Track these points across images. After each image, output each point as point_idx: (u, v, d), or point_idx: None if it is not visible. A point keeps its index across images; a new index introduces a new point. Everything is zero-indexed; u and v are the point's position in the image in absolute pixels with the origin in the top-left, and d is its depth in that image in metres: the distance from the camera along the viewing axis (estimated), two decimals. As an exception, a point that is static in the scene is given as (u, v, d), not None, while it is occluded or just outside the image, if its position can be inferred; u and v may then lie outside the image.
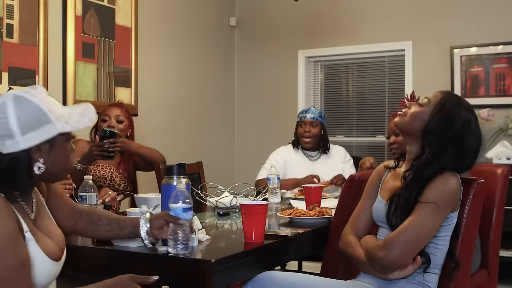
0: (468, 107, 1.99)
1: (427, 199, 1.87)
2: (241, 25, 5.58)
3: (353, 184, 2.36)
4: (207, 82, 5.21)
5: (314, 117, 3.76)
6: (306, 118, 3.76)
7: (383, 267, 1.90)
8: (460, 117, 1.95)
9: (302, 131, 3.76)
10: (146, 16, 4.45)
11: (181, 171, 1.90)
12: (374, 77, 5.10)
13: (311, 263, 3.81)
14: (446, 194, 1.88)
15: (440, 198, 1.87)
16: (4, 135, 1.48)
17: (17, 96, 1.52)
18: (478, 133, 1.98)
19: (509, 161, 4.07)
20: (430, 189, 1.88)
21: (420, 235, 1.86)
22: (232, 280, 1.82)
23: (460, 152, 1.94)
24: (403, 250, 1.85)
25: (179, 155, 4.60)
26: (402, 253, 1.86)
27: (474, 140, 1.96)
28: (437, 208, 1.85)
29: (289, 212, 2.50)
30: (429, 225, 1.86)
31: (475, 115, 2.00)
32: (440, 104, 1.97)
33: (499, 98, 4.46)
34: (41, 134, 1.52)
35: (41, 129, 1.52)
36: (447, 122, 1.94)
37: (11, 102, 1.50)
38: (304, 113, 3.80)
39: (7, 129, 1.48)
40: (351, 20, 5.09)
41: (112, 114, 3.16)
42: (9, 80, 3.44)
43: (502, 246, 2.79)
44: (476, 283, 2.40)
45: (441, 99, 1.98)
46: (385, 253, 1.87)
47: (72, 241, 1.98)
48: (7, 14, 3.42)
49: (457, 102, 1.98)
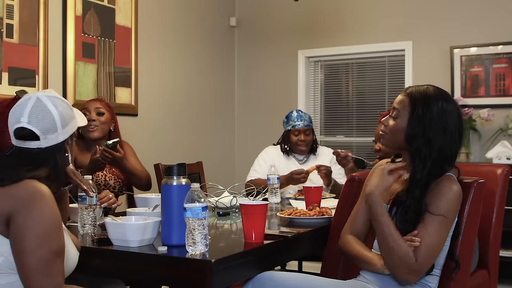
0: (435, 91, 1.97)
1: (438, 211, 1.88)
2: (241, 25, 5.58)
3: (353, 184, 2.36)
4: (207, 82, 5.21)
5: (307, 124, 3.71)
6: (300, 126, 3.69)
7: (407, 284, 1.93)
8: (433, 104, 1.93)
9: (297, 139, 3.69)
10: (146, 16, 4.45)
11: (181, 171, 1.90)
12: (374, 77, 5.10)
13: (311, 263, 3.81)
14: (454, 203, 1.91)
15: (450, 209, 1.90)
16: (49, 129, 1.66)
17: (48, 95, 1.70)
18: (455, 110, 1.96)
19: (509, 161, 4.07)
20: (439, 200, 1.89)
21: (438, 248, 1.92)
22: (232, 280, 1.82)
23: (447, 134, 1.92)
24: (426, 267, 1.91)
25: (179, 155, 4.60)
26: (425, 269, 1.92)
27: (455, 117, 1.95)
28: (447, 219, 1.89)
29: (289, 212, 2.50)
30: (443, 236, 1.92)
31: (447, 96, 1.98)
32: (410, 105, 1.95)
33: (499, 98, 4.46)
34: (72, 127, 1.74)
35: (71, 123, 1.74)
36: (422, 117, 1.93)
37: (46, 99, 1.68)
38: (296, 120, 3.72)
39: (53, 123, 1.67)
40: (351, 20, 5.09)
41: (92, 107, 3.12)
42: (9, 80, 3.44)
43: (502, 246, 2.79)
44: (476, 283, 2.40)
45: (409, 102, 1.96)
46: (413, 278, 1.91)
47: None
48: (7, 14, 3.42)
49: (423, 94, 1.96)
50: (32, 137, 1.66)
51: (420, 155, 1.92)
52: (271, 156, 3.78)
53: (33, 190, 1.56)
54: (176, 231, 1.87)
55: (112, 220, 1.94)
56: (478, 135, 4.48)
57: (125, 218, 2.05)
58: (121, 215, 2.34)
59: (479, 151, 4.49)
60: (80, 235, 2.12)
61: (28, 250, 1.50)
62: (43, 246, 1.51)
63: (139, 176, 3.14)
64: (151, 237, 1.93)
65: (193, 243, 1.74)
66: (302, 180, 3.44)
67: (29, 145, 1.66)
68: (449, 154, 1.94)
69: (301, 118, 3.73)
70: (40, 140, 1.66)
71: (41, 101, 1.68)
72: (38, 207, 1.53)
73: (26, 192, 1.55)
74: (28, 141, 1.66)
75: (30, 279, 1.50)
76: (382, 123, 2.05)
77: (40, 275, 1.50)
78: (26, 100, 1.68)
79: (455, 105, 1.98)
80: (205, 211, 1.75)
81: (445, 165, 1.93)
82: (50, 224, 1.53)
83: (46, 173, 1.65)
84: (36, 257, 1.50)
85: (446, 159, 1.93)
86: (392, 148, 2.06)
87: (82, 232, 2.13)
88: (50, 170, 1.67)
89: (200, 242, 1.75)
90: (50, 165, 1.67)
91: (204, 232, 1.76)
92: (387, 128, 2.02)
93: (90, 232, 2.12)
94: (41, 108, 1.67)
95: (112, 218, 1.98)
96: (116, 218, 1.99)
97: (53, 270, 1.52)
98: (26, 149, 1.66)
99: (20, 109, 1.67)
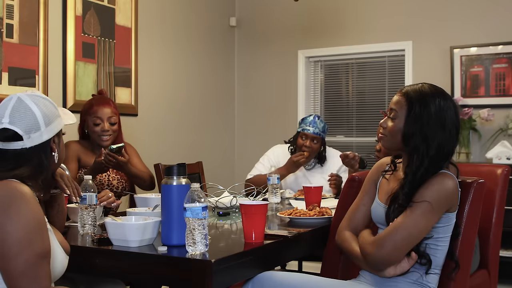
0: (431, 89, 1.97)
1: (421, 198, 1.86)
2: (241, 25, 5.58)
3: (353, 184, 2.36)
4: (207, 82, 5.21)
5: (318, 132, 3.59)
6: (309, 132, 3.59)
7: (372, 263, 1.91)
8: (430, 102, 1.93)
9: (302, 144, 3.61)
10: (146, 16, 4.45)
11: (181, 171, 1.90)
12: (374, 77, 5.10)
13: (311, 263, 3.81)
14: (440, 194, 1.87)
15: (435, 197, 1.86)
16: (31, 128, 1.62)
17: (30, 94, 1.67)
18: (452, 106, 1.96)
19: (509, 161, 4.07)
20: (425, 189, 1.88)
21: (411, 235, 1.86)
22: (232, 280, 1.82)
23: (445, 131, 1.92)
24: (393, 248, 1.86)
25: (179, 155, 4.60)
26: (392, 251, 1.86)
27: (452, 113, 1.94)
28: (430, 207, 1.85)
29: (289, 212, 2.50)
30: (421, 224, 1.86)
31: (443, 93, 1.98)
32: (407, 105, 1.95)
33: (499, 98, 4.46)
34: (56, 126, 1.70)
35: (55, 122, 1.70)
36: (419, 116, 1.92)
37: (27, 98, 1.65)
38: (308, 125, 3.61)
39: (35, 122, 1.63)
40: (351, 20, 5.09)
41: (105, 116, 3.05)
42: (9, 80, 3.44)
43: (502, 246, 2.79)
44: (476, 283, 2.40)
45: (406, 101, 1.96)
46: (375, 250, 1.88)
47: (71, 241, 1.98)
48: (7, 14, 3.42)
49: (419, 93, 1.96)
50: (16, 138, 1.61)
51: (418, 153, 1.92)
52: (277, 156, 3.76)
53: (13, 190, 1.50)
54: (176, 231, 1.87)
55: (112, 220, 1.94)
56: (478, 135, 4.48)
57: (125, 218, 2.05)
58: (121, 215, 2.34)
59: (479, 151, 4.49)
60: (80, 235, 2.12)
61: (12, 255, 1.44)
62: (27, 249, 1.45)
63: (144, 178, 3.15)
64: (151, 237, 1.93)
65: (193, 243, 1.74)
66: (302, 161, 3.47)
67: (13, 146, 1.61)
68: (447, 151, 1.94)
69: (314, 124, 3.60)
70: (24, 140, 1.61)
71: (22, 100, 1.64)
72: (17, 208, 1.47)
73: (4, 192, 1.50)
74: (12, 142, 1.61)
75: (17, 284, 1.44)
76: (381, 125, 2.05)
77: (26, 280, 1.44)
78: (7, 101, 1.65)
79: (452, 101, 1.98)
80: (205, 211, 1.75)
81: (441, 162, 1.93)
82: (32, 225, 1.47)
83: (28, 173, 1.61)
84: (21, 261, 1.44)
85: (443, 156, 1.93)
86: (392, 149, 2.06)
87: (82, 232, 2.13)
88: (33, 170, 1.62)
89: (200, 242, 1.75)
90: (33, 164, 1.62)
91: (204, 232, 1.76)
92: (386, 130, 2.02)
93: (90, 232, 2.12)
94: (22, 107, 1.63)
95: (112, 218, 1.98)
96: (116, 218, 1.99)
97: (39, 273, 1.46)
98: (11, 151, 1.61)
99: (1, 110, 1.63)
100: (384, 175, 2.10)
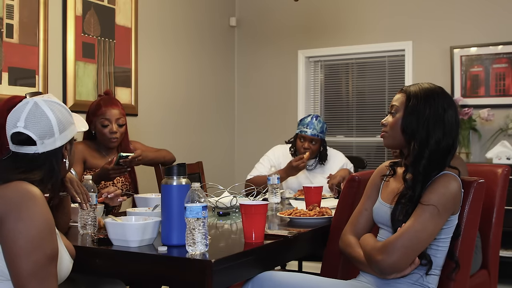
0: (430, 85, 2.00)
1: (428, 201, 1.87)
2: (241, 25, 5.58)
3: (353, 184, 2.36)
4: (207, 82, 5.21)
5: (315, 133, 3.58)
6: (307, 134, 3.57)
7: (382, 270, 1.90)
8: (429, 97, 1.95)
9: (301, 146, 3.61)
10: (146, 16, 4.45)
11: (181, 171, 1.90)
12: (374, 77, 5.10)
13: (311, 263, 3.81)
14: (447, 198, 1.88)
15: (441, 201, 1.87)
16: (46, 134, 1.64)
17: (46, 100, 1.68)
18: (451, 103, 1.98)
19: (509, 161, 4.07)
20: (431, 192, 1.88)
21: (420, 239, 1.86)
22: (232, 280, 1.82)
23: (444, 127, 1.93)
24: (402, 254, 1.85)
25: (179, 155, 4.58)
26: (401, 257, 1.86)
27: (451, 110, 1.96)
28: (437, 211, 1.86)
29: (289, 212, 2.50)
30: (429, 229, 1.86)
31: (442, 90, 2.00)
32: (406, 99, 1.98)
33: (499, 98, 4.46)
34: (70, 132, 1.72)
35: (69, 129, 1.71)
36: (416, 107, 1.95)
37: (44, 104, 1.66)
38: (305, 127, 3.60)
39: (50, 128, 1.64)
40: (351, 20, 5.08)
41: (113, 118, 3.01)
42: (9, 80, 3.44)
43: (502, 246, 2.79)
44: (476, 283, 2.40)
45: (405, 97, 1.99)
46: (384, 257, 1.87)
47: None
48: (7, 14, 3.42)
49: (418, 88, 1.99)
50: (29, 142, 1.62)
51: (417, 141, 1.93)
52: (277, 156, 3.76)
53: (23, 191, 1.51)
54: (176, 231, 1.87)
55: (112, 220, 1.94)
56: (478, 135, 4.48)
57: (125, 218, 2.05)
58: (121, 215, 2.34)
59: (479, 151, 4.49)
60: (80, 235, 2.12)
61: (21, 255, 1.44)
62: (37, 250, 1.46)
63: (163, 160, 3.34)
64: (151, 237, 1.93)
65: (193, 243, 1.74)
66: (301, 166, 3.45)
67: (26, 150, 1.63)
68: (446, 144, 1.94)
69: (311, 126, 3.59)
70: (37, 145, 1.62)
71: (38, 105, 1.64)
72: (28, 208, 1.48)
73: (16, 193, 1.50)
74: (25, 146, 1.62)
75: (25, 285, 1.44)
76: (382, 123, 2.06)
77: (35, 281, 1.44)
78: (24, 105, 1.65)
79: (450, 98, 2.00)
80: (205, 210, 1.75)
81: (444, 156, 1.94)
82: (42, 226, 1.48)
83: (40, 177, 1.61)
84: (30, 262, 1.44)
85: (443, 150, 1.93)
86: (394, 146, 2.07)
87: (82, 232, 2.13)
88: (44, 174, 1.63)
89: (200, 242, 1.75)
90: (45, 169, 1.63)
91: (204, 232, 1.76)
92: (387, 126, 2.03)
93: (90, 232, 2.12)
94: (38, 113, 1.63)
95: (112, 218, 1.98)
96: (116, 218, 1.99)
97: (48, 275, 1.47)
98: (22, 154, 1.63)
99: (17, 114, 1.64)
100: (385, 180, 2.10)
